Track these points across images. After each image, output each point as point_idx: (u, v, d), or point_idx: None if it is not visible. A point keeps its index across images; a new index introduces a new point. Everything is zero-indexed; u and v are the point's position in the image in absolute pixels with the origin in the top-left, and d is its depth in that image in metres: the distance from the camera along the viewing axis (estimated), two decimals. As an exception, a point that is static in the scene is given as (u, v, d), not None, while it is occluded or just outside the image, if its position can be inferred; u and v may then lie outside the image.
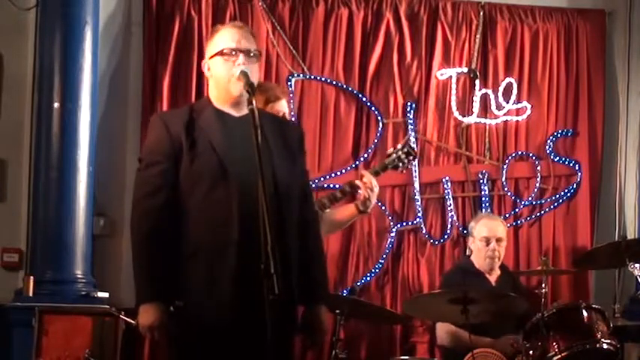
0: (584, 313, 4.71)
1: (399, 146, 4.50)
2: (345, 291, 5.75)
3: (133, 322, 4.52)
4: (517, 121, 6.35)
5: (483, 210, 6.14)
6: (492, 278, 5.40)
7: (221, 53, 3.23)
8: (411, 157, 4.50)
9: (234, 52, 3.22)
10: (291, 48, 6.10)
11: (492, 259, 5.38)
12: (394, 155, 4.46)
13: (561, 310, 4.78)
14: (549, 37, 6.41)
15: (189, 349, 3.11)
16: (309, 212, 3.35)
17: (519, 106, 6.34)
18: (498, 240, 5.41)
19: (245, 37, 3.27)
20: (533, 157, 6.33)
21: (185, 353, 3.13)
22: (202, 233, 3.12)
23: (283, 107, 4.20)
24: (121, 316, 4.98)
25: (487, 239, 5.39)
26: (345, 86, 6.16)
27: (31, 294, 5.36)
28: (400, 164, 4.47)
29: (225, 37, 3.26)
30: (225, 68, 3.22)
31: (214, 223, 3.11)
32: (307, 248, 3.26)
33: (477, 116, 6.29)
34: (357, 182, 4.35)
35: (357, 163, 6.13)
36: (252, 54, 3.25)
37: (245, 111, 3.19)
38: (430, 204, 6.23)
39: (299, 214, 3.25)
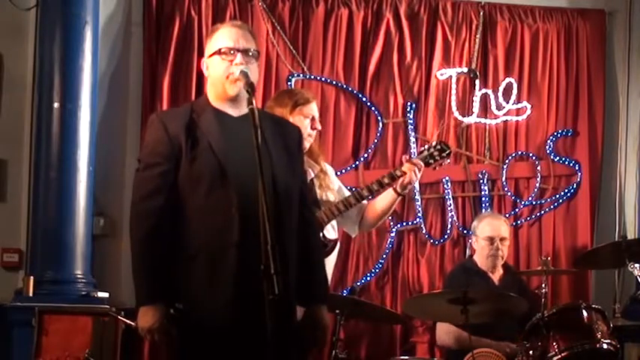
0: (584, 313, 4.71)
1: (433, 143, 4.41)
2: (345, 291, 5.75)
3: (132, 323, 4.52)
4: (517, 121, 6.35)
5: (483, 210, 6.14)
6: (495, 277, 5.39)
7: (219, 52, 3.22)
8: (445, 154, 4.37)
9: (231, 52, 3.20)
10: (291, 48, 6.09)
11: (495, 257, 5.36)
12: (426, 152, 4.37)
13: (561, 310, 4.78)
14: (549, 37, 6.41)
15: (190, 351, 3.09)
16: (307, 212, 3.34)
17: (519, 106, 6.34)
18: (502, 239, 5.40)
19: (243, 36, 3.25)
20: (533, 157, 6.33)
21: (186, 355, 3.11)
22: (202, 235, 3.10)
23: (312, 110, 4.16)
24: (120, 317, 4.97)
25: (491, 239, 5.38)
26: (345, 86, 6.16)
27: (31, 294, 5.34)
28: (431, 161, 4.37)
29: (224, 36, 3.24)
30: (223, 67, 3.21)
31: (214, 224, 3.09)
32: (307, 248, 3.25)
33: (477, 116, 6.28)
34: (404, 167, 4.25)
35: (357, 163, 6.13)
36: (250, 53, 3.22)
37: (243, 110, 3.18)
38: (430, 204, 6.23)
39: (298, 214, 3.24)
